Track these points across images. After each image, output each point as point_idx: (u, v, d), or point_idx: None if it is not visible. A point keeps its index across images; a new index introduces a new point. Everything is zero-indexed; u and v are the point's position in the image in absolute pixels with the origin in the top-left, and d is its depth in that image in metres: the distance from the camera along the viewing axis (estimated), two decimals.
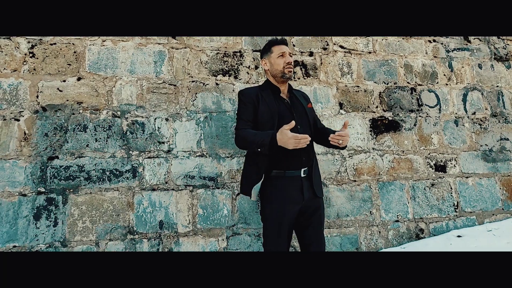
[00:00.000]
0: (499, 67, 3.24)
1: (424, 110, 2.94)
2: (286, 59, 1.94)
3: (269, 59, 1.99)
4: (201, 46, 2.59)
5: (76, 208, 2.16)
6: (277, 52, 1.95)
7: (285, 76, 1.95)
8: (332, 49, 2.86)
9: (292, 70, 1.97)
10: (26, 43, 2.27)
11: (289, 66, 1.94)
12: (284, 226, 1.82)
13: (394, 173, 2.75)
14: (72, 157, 2.21)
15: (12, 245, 2.04)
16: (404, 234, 2.65)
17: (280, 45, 1.97)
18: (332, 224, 2.54)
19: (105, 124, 2.30)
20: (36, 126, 2.19)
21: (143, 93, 2.40)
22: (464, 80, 3.11)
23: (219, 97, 2.53)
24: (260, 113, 1.90)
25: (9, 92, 2.19)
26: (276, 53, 1.95)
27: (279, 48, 1.96)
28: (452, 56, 3.14)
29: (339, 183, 2.63)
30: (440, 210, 2.76)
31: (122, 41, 2.44)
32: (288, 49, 1.98)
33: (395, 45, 3.03)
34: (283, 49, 1.95)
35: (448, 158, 2.89)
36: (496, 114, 3.10)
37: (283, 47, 1.97)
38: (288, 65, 1.93)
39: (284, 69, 1.93)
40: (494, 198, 2.90)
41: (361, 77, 2.88)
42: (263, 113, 1.90)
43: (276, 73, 1.96)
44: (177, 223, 2.29)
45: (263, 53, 2.05)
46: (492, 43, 3.28)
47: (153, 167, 2.32)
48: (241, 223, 2.39)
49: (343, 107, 2.77)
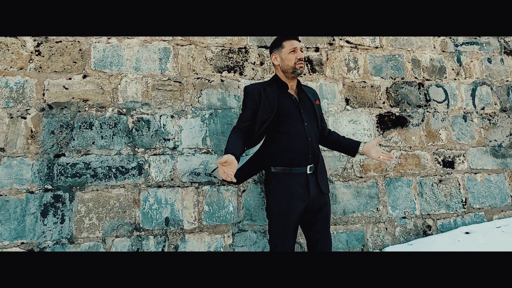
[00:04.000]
0: (509, 61, 3.18)
1: (432, 106, 2.90)
2: (298, 54, 1.91)
3: (280, 54, 1.96)
4: (206, 42, 2.58)
5: (82, 205, 2.17)
6: (288, 47, 1.92)
7: (296, 72, 1.93)
8: (338, 45, 2.83)
9: (304, 66, 1.95)
10: (32, 41, 2.28)
11: (301, 62, 1.91)
12: (290, 223, 1.82)
13: (401, 169, 2.72)
14: (78, 154, 2.22)
15: (20, 241, 2.06)
16: (411, 231, 2.63)
17: (291, 40, 1.94)
18: (339, 221, 2.53)
19: (110, 122, 2.30)
20: (43, 124, 2.20)
21: (148, 90, 2.40)
22: (473, 74, 3.06)
23: (224, 94, 2.52)
24: (260, 111, 1.90)
25: (16, 90, 2.20)
26: (288, 48, 1.92)
27: (291, 43, 1.93)
28: (461, 50, 3.09)
29: (345, 180, 2.61)
30: (448, 207, 2.73)
31: (127, 39, 2.44)
32: (300, 44, 1.95)
33: (403, 39, 2.98)
34: (295, 44, 1.92)
35: (456, 154, 2.85)
36: (505, 109, 3.05)
37: (295, 42, 1.93)
38: (300, 61, 1.91)
39: (296, 65, 1.91)
40: (503, 194, 2.86)
41: (367, 72, 2.84)
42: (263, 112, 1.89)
43: (287, 69, 1.94)
44: (183, 220, 2.30)
45: (273, 47, 2.02)
46: (502, 36, 3.21)
47: (159, 164, 2.32)
48: (247, 220, 2.39)
49: (349, 103, 2.74)
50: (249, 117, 1.92)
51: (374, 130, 2.74)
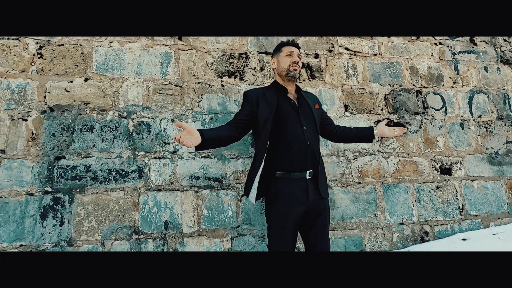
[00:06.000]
0: (506, 70, 3.22)
1: (429, 113, 2.93)
2: (293, 58, 2.00)
3: (278, 57, 2.05)
4: (207, 47, 2.60)
5: (82, 208, 2.18)
6: (285, 51, 2.02)
7: (290, 74, 1.97)
8: (337, 51, 2.87)
9: (298, 69, 2.00)
10: (34, 44, 2.30)
11: (295, 64, 1.98)
12: (289, 227, 1.83)
13: (399, 175, 2.74)
14: (78, 157, 2.23)
15: (19, 243, 2.06)
16: (409, 237, 2.65)
17: (289, 46, 2.04)
18: (337, 226, 2.54)
19: (111, 125, 2.32)
20: (44, 126, 2.21)
21: (149, 94, 2.42)
22: (470, 82, 3.10)
23: (224, 99, 2.54)
24: (260, 113, 1.93)
25: (17, 92, 2.21)
26: (285, 52, 2.02)
27: (288, 48, 2.03)
28: (458, 58, 3.13)
29: (343, 185, 2.62)
30: (445, 213, 2.75)
31: (129, 43, 2.46)
32: (298, 51, 2.04)
33: (401, 47, 3.02)
34: (292, 49, 2.02)
35: (454, 161, 2.88)
36: (502, 117, 3.09)
37: (292, 48, 2.03)
38: (294, 64, 1.98)
39: (290, 67, 1.97)
40: (500, 201, 2.88)
41: (366, 79, 2.88)
42: (263, 112, 1.92)
43: (281, 71, 2.00)
44: (182, 223, 2.30)
45: (273, 52, 2.12)
46: (499, 45, 3.26)
47: (159, 167, 2.33)
48: (246, 224, 2.39)
49: (348, 109, 2.77)
50: (242, 116, 1.96)
51: None
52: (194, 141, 1.66)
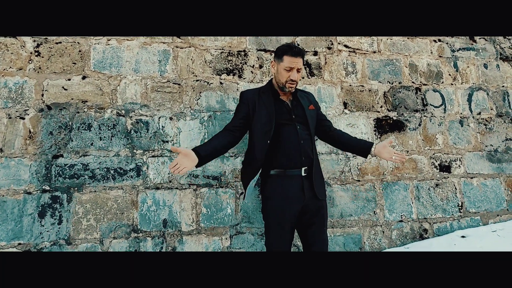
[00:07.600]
0: (505, 67, 3.22)
1: (429, 110, 2.92)
2: (292, 75, 1.89)
3: (278, 65, 1.94)
4: (205, 45, 2.59)
5: (80, 206, 2.17)
6: (286, 64, 1.88)
7: (284, 90, 1.96)
8: (336, 49, 2.85)
9: (294, 86, 1.94)
10: (31, 42, 2.28)
11: (292, 82, 1.91)
12: (285, 225, 1.83)
13: (398, 173, 2.74)
14: (76, 155, 2.22)
15: (17, 242, 2.05)
16: (408, 234, 2.65)
17: (292, 57, 1.88)
18: (336, 224, 2.54)
19: (109, 123, 2.31)
20: (41, 125, 2.20)
21: (148, 92, 2.41)
22: (469, 80, 3.09)
23: (223, 96, 2.53)
24: (257, 116, 1.94)
25: (15, 90, 2.20)
26: (285, 65, 1.88)
27: (290, 60, 1.88)
28: (457, 56, 3.12)
29: (343, 183, 2.62)
30: (444, 211, 2.75)
31: (127, 40, 2.44)
32: (301, 62, 1.90)
33: (400, 44, 3.01)
34: (293, 64, 1.88)
35: (453, 158, 2.88)
36: (501, 115, 3.08)
37: (294, 61, 1.88)
38: (291, 81, 1.90)
39: (286, 83, 1.92)
40: (499, 198, 2.88)
41: (365, 76, 2.87)
42: (261, 116, 1.93)
43: (278, 81, 1.97)
44: (180, 221, 2.30)
45: (276, 54, 1.98)
46: (498, 42, 3.25)
47: (157, 166, 2.33)
48: (245, 222, 2.39)
49: (347, 106, 2.76)
50: (238, 120, 1.97)
51: (372, 134, 2.76)
52: (191, 163, 1.71)
